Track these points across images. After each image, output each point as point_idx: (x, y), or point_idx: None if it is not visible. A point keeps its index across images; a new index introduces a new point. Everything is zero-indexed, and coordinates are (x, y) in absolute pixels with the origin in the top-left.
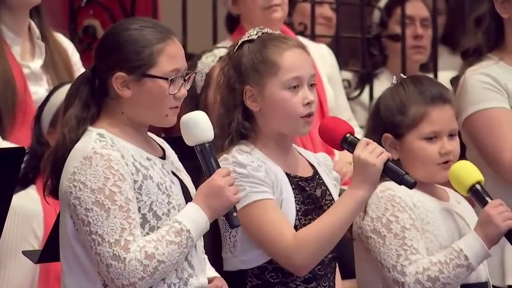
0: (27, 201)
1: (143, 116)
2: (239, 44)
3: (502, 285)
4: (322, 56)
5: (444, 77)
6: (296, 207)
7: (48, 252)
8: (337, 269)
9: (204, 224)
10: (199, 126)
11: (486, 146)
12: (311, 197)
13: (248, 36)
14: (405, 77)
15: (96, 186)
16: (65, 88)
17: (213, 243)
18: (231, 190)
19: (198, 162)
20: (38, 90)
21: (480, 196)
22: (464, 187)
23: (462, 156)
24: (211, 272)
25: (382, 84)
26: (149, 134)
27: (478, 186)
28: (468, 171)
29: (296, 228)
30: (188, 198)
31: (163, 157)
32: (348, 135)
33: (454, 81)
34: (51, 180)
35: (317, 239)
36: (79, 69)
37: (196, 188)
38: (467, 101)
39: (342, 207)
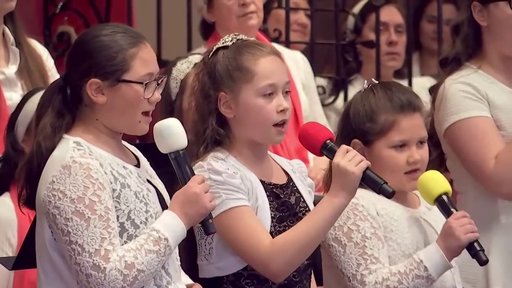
0: (1, 209)
1: (117, 122)
2: (213, 50)
3: None
4: (297, 63)
5: (418, 83)
6: (271, 214)
7: (23, 258)
8: (312, 275)
9: (181, 231)
10: (173, 134)
11: (469, 156)
12: (285, 204)
13: (223, 43)
14: (376, 82)
15: (76, 196)
16: (38, 96)
17: (189, 250)
18: (207, 197)
19: (172, 168)
20: (13, 96)
21: (446, 207)
22: (430, 197)
23: (442, 166)
24: (186, 279)
25: (356, 90)
26: (123, 142)
27: (444, 197)
28: (436, 182)
29: (271, 234)
30: (163, 205)
31: (138, 165)
32: (328, 141)
33: (433, 90)
34: (26, 190)
35: (294, 246)
36: (53, 75)
37: (171, 195)
38: (448, 110)
39: (319, 214)
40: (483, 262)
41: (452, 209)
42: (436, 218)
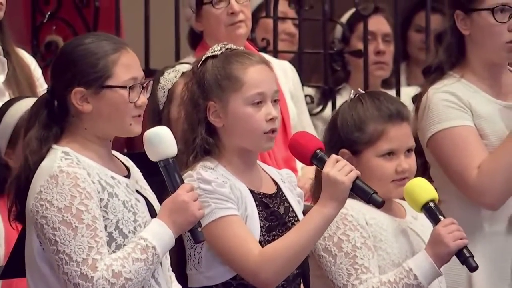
0: None
1: (106, 129)
2: (202, 59)
3: None
4: (285, 73)
5: (406, 93)
6: (260, 223)
7: (11, 268)
8: (302, 285)
9: (169, 239)
10: (163, 142)
11: (452, 165)
12: (274, 214)
13: (212, 52)
14: (363, 91)
15: (63, 205)
16: (16, 107)
17: (178, 259)
18: (196, 205)
19: (161, 177)
20: None
21: (433, 214)
22: (417, 205)
23: (425, 174)
24: None
25: (344, 100)
26: (113, 152)
27: (431, 204)
28: (423, 189)
29: (260, 244)
30: (154, 215)
31: (128, 175)
32: (318, 151)
33: (416, 99)
34: (16, 206)
35: (284, 255)
36: (41, 84)
37: (161, 204)
38: (431, 120)
39: (309, 224)
40: (473, 269)
41: (440, 216)
42: (423, 227)
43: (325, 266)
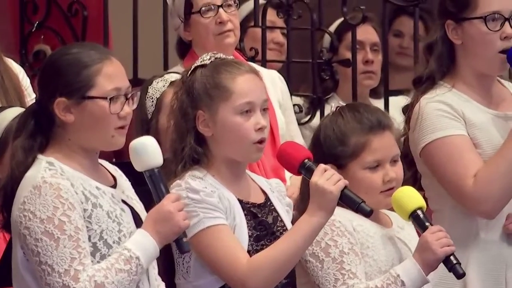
0: None
1: (89, 140)
2: (192, 69)
3: None
4: (274, 82)
5: (394, 102)
6: (248, 232)
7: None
8: None
9: (153, 249)
10: (148, 151)
11: (447, 175)
12: (262, 224)
13: (201, 61)
14: (343, 104)
15: (45, 216)
16: (1, 117)
17: (167, 269)
18: (181, 216)
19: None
20: None
21: (421, 221)
22: (405, 213)
23: (416, 184)
24: None
25: None
26: (101, 161)
27: (419, 212)
28: (410, 197)
29: (249, 253)
30: (140, 225)
31: (114, 185)
32: (306, 160)
33: (406, 109)
34: (3, 215)
35: (272, 264)
36: (29, 94)
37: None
38: (424, 129)
39: (297, 233)
40: (460, 276)
41: (427, 224)
42: (410, 237)
43: (312, 272)
